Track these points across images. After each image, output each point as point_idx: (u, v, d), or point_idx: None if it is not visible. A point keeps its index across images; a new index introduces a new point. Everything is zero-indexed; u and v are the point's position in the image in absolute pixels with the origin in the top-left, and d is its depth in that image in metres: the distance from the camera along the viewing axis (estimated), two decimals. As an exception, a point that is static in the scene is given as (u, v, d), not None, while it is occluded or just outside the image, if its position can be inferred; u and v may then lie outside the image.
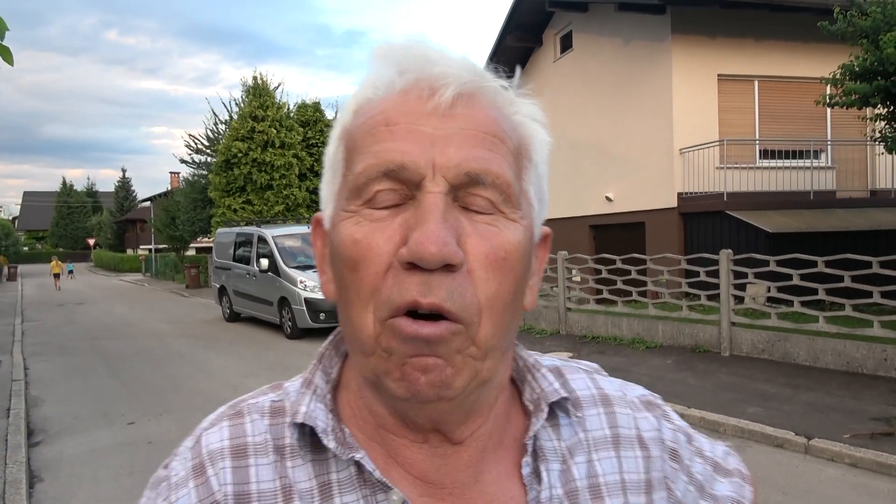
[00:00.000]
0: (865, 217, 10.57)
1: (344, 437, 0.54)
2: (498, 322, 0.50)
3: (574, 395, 0.62)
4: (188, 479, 0.54)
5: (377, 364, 0.50)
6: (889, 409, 5.55)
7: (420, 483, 0.54)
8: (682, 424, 0.67)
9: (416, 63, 0.52)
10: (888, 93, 7.21)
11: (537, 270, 0.59)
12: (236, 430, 0.56)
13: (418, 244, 0.46)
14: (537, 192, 0.56)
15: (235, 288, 13.83)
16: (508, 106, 0.55)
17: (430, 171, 0.49)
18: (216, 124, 22.35)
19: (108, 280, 35.64)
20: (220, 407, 0.59)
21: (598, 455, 0.59)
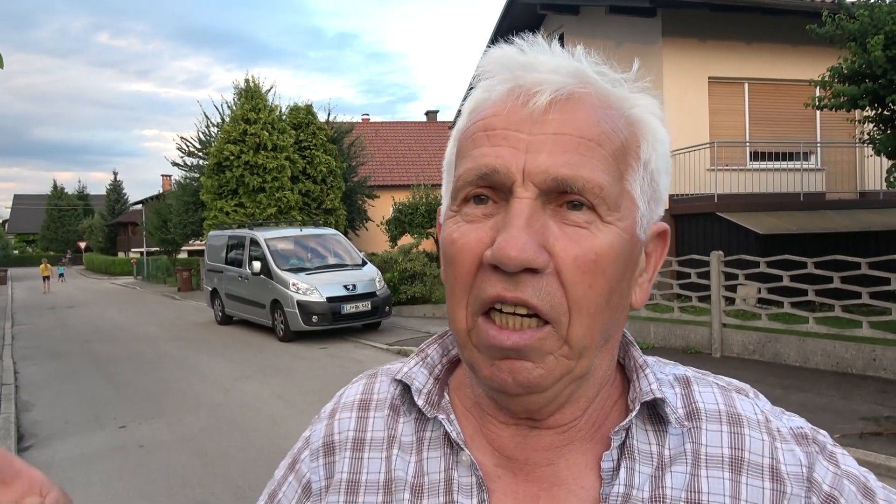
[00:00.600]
0: (854, 218, 10.65)
1: (439, 400, 0.62)
2: (589, 323, 0.52)
3: (694, 407, 0.59)
4: (325, 419, 0.68)
5: (470, 356, 0.55)
6: (878, 408, 5.60)
7: (497, 455, 0.59)
8: (856, 473, 0.59)
9: (516, 70, 0.55)
10: (876, 95, 7.26)
11: (649, 268, 0.60)
12: (367, 388, 0.67)
13: (500, 248, 0.50)
14: (646, 191, 0.57)
15: (227, 291, 13.78)
16: (616, 105, 0.56)
17: (520, 177, 0.51)
18: (208, 127, 22.27)
19: (100, 283, 35.44)
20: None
21: (706, 472, 0.56)
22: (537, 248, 0.50)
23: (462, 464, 0.58)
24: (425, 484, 0.59)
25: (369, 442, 0.63)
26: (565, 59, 0.55)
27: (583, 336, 0.52)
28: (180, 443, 5.83)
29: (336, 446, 0.64)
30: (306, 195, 20.28)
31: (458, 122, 0.59)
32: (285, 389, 7.76)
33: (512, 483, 0.58)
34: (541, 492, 0.57)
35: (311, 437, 0.67)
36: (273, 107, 20.24)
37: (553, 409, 0.56)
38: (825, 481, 0.57)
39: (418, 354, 0.66)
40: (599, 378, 0.58)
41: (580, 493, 0.57)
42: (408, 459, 0.61)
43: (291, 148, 19.77)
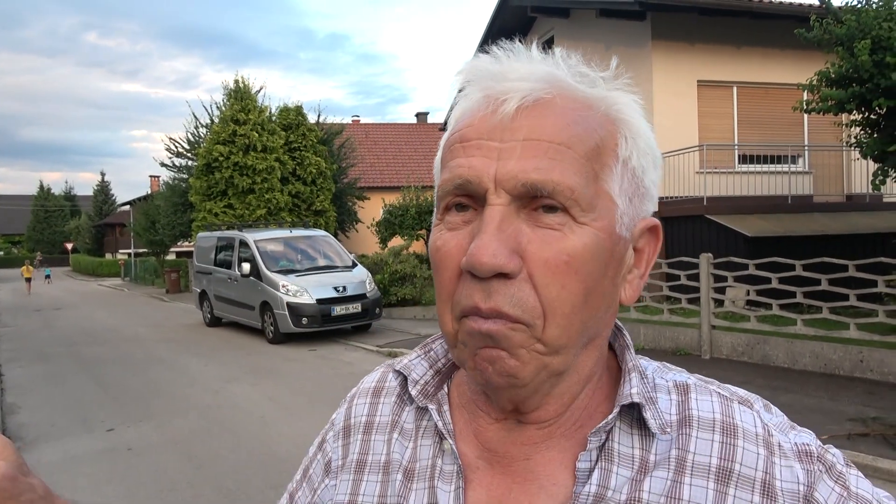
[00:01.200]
0: (841, 221, 10.75)
1: (435, 392, 0.66)
2: (565, 323, 0.53)
3: (687, 414, 0.59)
4: (347, 402, 0.74)
5: (458, 354, 0.57)
6: (865, 409, 5.64)
7: (480, 447, 0.62)
8: (867, 495, 0.57)
9: (488, 80, 0.56)
10: (863, 99, 7.34)
11: (639, 264, 0.61)
12: (382, 377, 0.72)
13: (472, 255, 0.52)
14: (626, 188, 0.57)
15: (217, 292, 13.70)
16: (592, 105, 0.56)
17: (492, 185, 0.53)
18: (197, 128, 22.16)
19: (87, 285, 35.14)
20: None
21: (690, 480, 0.55)
22: (508, 253, 0.51)
23: (446, 452, 0.62)
24: (416, 469, 0.63)
25: (377, 426, 0.68)
26: (539, 65, 0.56)
27: (558, 336, 0.53)
28: (169, 445, 5.78)
29: (352, 429, 0.70)
30: (296, 196, 20.21)
31: (446, 132, 0.61)
32: (275, 391, 7.72)
33: (489, 474, 0.60)
34: (514, 485, 0.59)
35: (336, 420, 0.73)
36: (263, 108, 20.17)
37: (537, 402, 0.58)
38: (827, 502, 0.55)
39: (422, 348, 0.70)
40: (584, 375, 0.59)
41: (551, 489, 0.58)
42: (406, 445, 0.65)
43: (281, 149, 19.71)
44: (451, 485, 0.60)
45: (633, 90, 0.60)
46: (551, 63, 0.57)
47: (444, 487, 0.60)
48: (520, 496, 0.58)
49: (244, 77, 20.37)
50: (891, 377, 6.51)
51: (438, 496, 0.60)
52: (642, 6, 10.98)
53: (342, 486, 0.67)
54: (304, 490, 0.72)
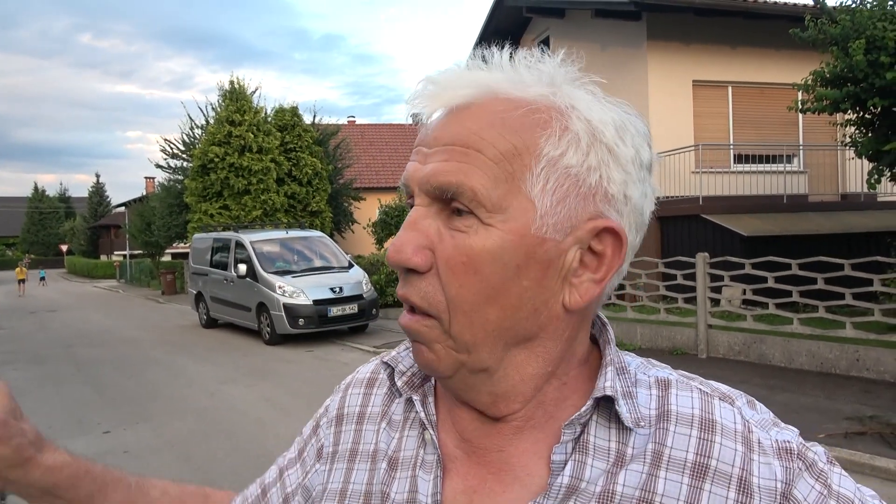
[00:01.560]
0: (836, 220, 10.78)
1: (421, 383, 0.68)
2: (467, 321, 0.56)
3: (666, 409, 0.59)
4: (342, 390, 0.76)
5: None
6: (862, 408, 5.66)
7: (458, 437, 0.64)
8: (850, 495, 0.57)
9: (424, 97, 0.59)
10: (857, 99, 7.36)
11: (596, 268, 0.58)
12: (376, 368, 0.75)
13: (388, 251, 0.58)
14: (553, 188, 0.55)
15: (212, 294, 13.66)
16: (518, 107, 0.55)
17: (416, 187, 0.58)
18: (192, 129, 22.09)
19: (82, 287, 35.03)
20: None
21: (665, 474, 0.56)
22: (415, 249, 0.56)
23: (427, 442, 0.64)
24: (400, 458, 0.65)
25: (368, 416, 0.71)
26: (467, 73, 0.58)
27: (462, 332, 0.56)
28: (166, 448, 5.76)
29: (344, 418, 0.73)
30: (292, 197, 20.17)
31: None
32: (272, 393, 7.70)
33: (465, 464, 0.63)
34: (489, 475, 0.61)
35: (330, 406, 0.76)
36: (258, 108, 20.13)
37: (487, 401, 0.60)
38: (806, 499, 0.55)
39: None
40: (529, 374, 0.59)
41: (525, 479, 0.59)
42: (392, 435, 0.68)
43: (277, 150, 19.68)
44: (430, 474, 0.62)
45: (586, 85, 0.59)
46: (496, 67, 0.58)
47: (424, 476, 0.62)
48: (494, 486, 0.60)
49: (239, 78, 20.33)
50: (887, 375, 6.53)
51: (419, 484, 0.62)
52: (638, 6, 10.99)
53: (336, 475, 0.69)
54: (297, 470, 0.76)
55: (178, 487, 0.82)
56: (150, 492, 0.79)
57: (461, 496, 0.61)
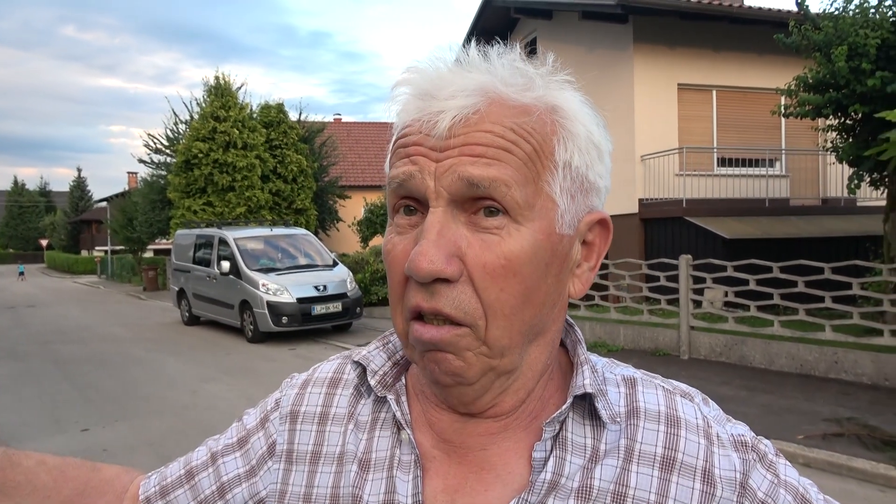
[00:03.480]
0: (817, 224, 10.92)
1: (393, 382, 0.67)
2: (506, 324, 0.56)
3: (634, 406, 0.62)
4: (297, 386, 0.73)
5: (410, 354, 0.60)
6: (839, 410, 5.73)
7: (436, 437, 0.63)
8: (795, 484, 0.61)
9: (421, 99, 0.58)
10: (839, 104, 7.46)
11: (589, 257, 0.63)
12: (340, 368, 0.72)
13: (412, 261, 0.54)
14: (568, 188, 0.58)
15: (195, 291, 13.54)
16: (529, 110, 0.57)
17: (432, 189, 0.55)
18: (176, 124, 21.89)
19: (62, 282, 34.58)
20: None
21: (637, 468, 0.59)
22: (446, 258, 0.53)
23: (403, 442, 0.63)
24: (372, 460, 0.64)
25: (332, 417, 0.68)
26: (471, 76, 0.57)
27: (500, 337, 0.56)
28: (145, 446, 5.70)
29: (300, 416, 0.70)
30: (277, 194, 20.06)
31: (392, 138, 0.63)
32: (254, 391, 7.65)
33: (445, 464, 0.62)
34: (470, 474, 0.61)
35: (283, 401, 0.72)
36: (244, 105, 20.00)
37: (487, 403, 0.60)
38: (760, 488, 0.59)
39: (380, 339, 0.71)
40: (538, 371, 0.62)
41: (507, 477, 0.60)
42: (360, 437, 0.66)
43: (262, 147, 19.56)
44: (409, 474, 0.61)
45: (573, 85, 0.61)
46: (485, 70, 0.58)
47: (402, 477, 0.61)
48: (475, 485, 0.60)
49: (225, 73, 20.15)
50: (864, 378, 6.62)
51: (397, 485, 0.61)
52: (624, 9, 11.06)
53: (297, 477, 0.67)
54: (237, 458, 0.71)
55: (60, 459, 0.73)
56: (23, 461, 0.70)
57: (442, 495, 0.61)
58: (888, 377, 6.45)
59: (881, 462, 4.55)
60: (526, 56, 0.62)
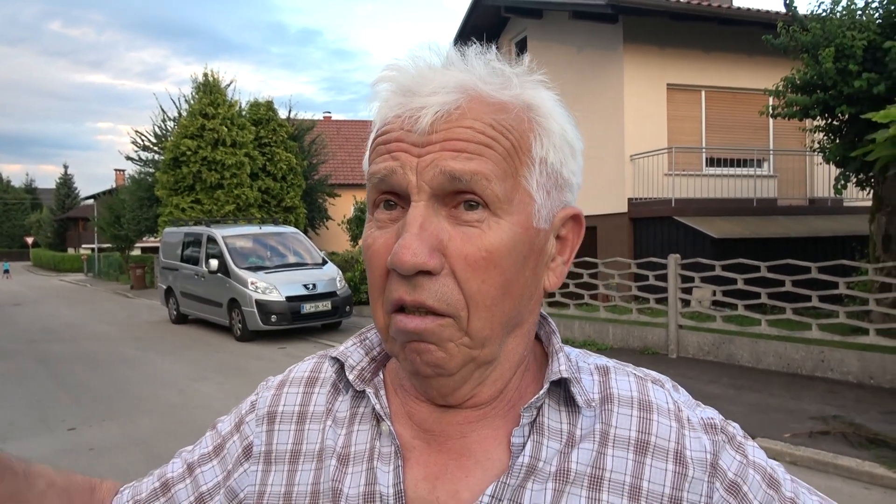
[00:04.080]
0: (804, 224, 11.02)
1: (371, 377, 0.68)
2: (487, 315, 0.57)
3: (608, 392, 0.65)
4: (273, 388, 0.73)
5: (391, 347, 0.61)
6: (826, 408, 5.79)
7: (416, 428, 0.64)
8: (763, 464, 0.64)
9: (402, 95, 0.59)
10: (826, 105, 7.52)
11: (563, 251, 0.65)
12: (316, 367, 0.73)
13: (395, 254, 0.55)
14: (544, 183, 0.60)
15: (183, 289, 13.46)
16: (506, 108, 0.59)
17: (413, 184, 0.56)
18: (164, 121, 21.74)
19: (48, 280, 34.27)
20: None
21: (612, 451, 0.61)
22: (429, 251, 0.55)
23: (383, 434, 0.64)
24: (351, 454, 0.64)
25: (311, 415, 0.69)
26: (451, 73, 0.59)
27: (482, 328, 0.57)
28: (133, 445, 5.66)
29: (278, 416, 0.70)
30: (266, 192, 19.97)
31: (371, 133, 0.64)
32: (242, 390, 7.61)
33: (426, 453, 0.63)
34: (450, 461, 0.62)
35: (259, 403, 0.72)
36: (233, 102, 19.89)
37: (466, 394, 0.62)
38: (730, 469, 0.62)
39: (357, 336, 0.72)
40: (515, 362, 0.63)
41: (486, 463, 0.62)
42: (338, 432, 0.66)
43: (251, 144, 19.47)
44: (389, 465, 0.62)
45: (546, 85, 0.63)
46: (464, 68, 0.59)
47: (382, 468, 0.62)
48: (456, 471, 0.62)
49: (213, 70, 20.02)
50: (850, 377, 6.68)
51: (378, 476, 0.62)
52: (614, 9, 11.09)
53: (276, 477, 0.67)
54: (214, 466, 0.71)
55: (65, 478, 0.73)
56: (37, 482, 0.69)
57: (423, 483, 0.62)
58: (873, 376, 6.52)
59: (866, 460, 4.60)
60: (509, 56, 0.63)
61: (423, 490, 0.62)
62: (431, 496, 0.61)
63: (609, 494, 0.59)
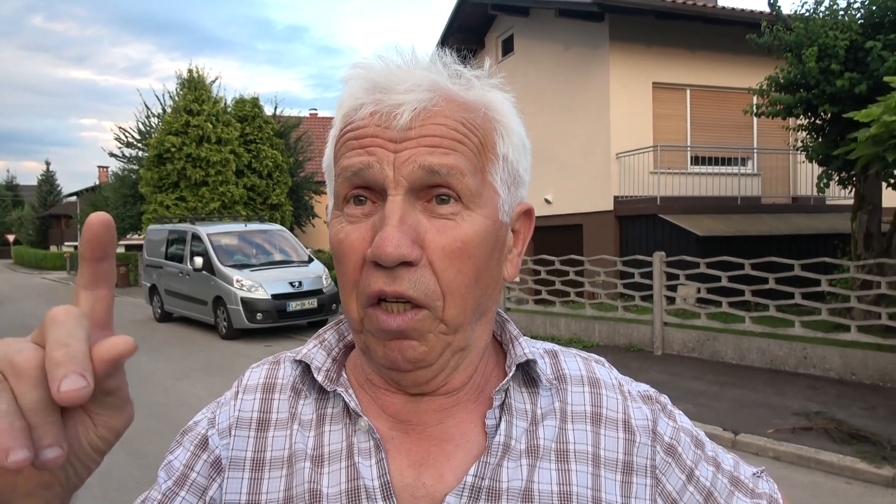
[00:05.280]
0: (788, 222, 11.12)
1: (337, 378, 0.68)
2: (461, 302, 0.60)
3: (561, 373, 0.70)
4: (229, 401, 0.71)
5: (365, 340, 0.62)
6: (808, 404, 5.85)
7: (392, 420, 0.66)
8: (690, 428, 0.73)
9: (376, 93, 0.60)
10: (809, 104, 7.59)
11: (518, 244, 0.69)
12: (271, 373, 0.72)
13: (377, 246, 0.56)
14: (506, 179, 0.64)
15: (167, 287, 13.35)
16: (471, 108, 0.62)
17: (391, 171, 0.58)
18: (148, 117, 21.52)
19: (30, 278, 33.83)
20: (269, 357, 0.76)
21: (572, 426, 0.67)
22: (410, 243, 0.57)
23: (360, 430, 0.64)
24: (325, 454, 0.65)
25: (274, 422, 0.68)
26: (423, 73, 0.61)
27: (456, 315, 0.60)
28: (117, 445, 5.56)
29: (239, 425, 0.69)
30: (251, 190, 19.84)
31: (334, 128, 0.65)
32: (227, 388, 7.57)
33: (406, 442, 0.65)
34: (432, 447, 0.65)
35: (219, 418, 0.70)
36: (218, 98, 19.71)
37: (440, 382, 0.64)
38: (666, 434, 0.69)
39: (316, 338, 0.73)
40: (481, 348, 0.67)
41: (465, 445, 0.65)
42: (307, 434, 0.66)
43: (236, 141, 19.32)
44: (370, 459, 0.63)
45: (504, 89, 0.66)
46: (433, 69, 0.62)
47: (364, 462, 0.63)
48: (438, 456, 0.64)
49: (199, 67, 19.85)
50: (832, 373, 6.76)
51: (360, 471, 0.63)
52: (601, 7, 11.13)
53: (233, 485, 0.65)
54: (184, 499, 0.66)
55: None
56: None
57: (408, 471, 0.64)
58: (855, 372, 6.61)
59: (847, 455, 4.66)
60: (495, 54, 0.63)
61: (408, 478, 0.63)
62: (418, 482, 0.63)
63: (576, 464, 0.65)
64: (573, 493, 0.64)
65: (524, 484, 0.63)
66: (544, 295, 9.83)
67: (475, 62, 0.66)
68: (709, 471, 0.71)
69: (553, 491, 0.63)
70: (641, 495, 0.66)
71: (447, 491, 0.62)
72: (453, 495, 0.62)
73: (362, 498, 0.62)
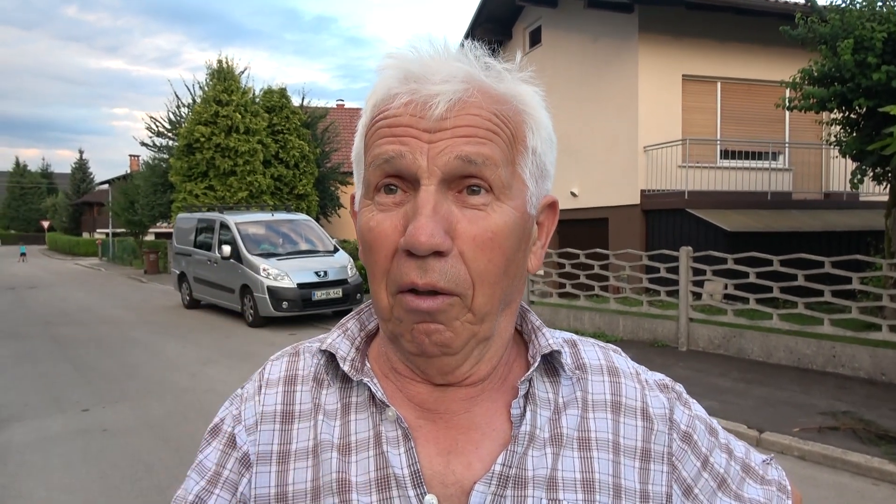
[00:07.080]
0: (819, 218, 10.90)
1: (362, 367, 0.69)
2: (490, 292, 0.61)
3: (581, 362, 0.72)
4: (252, 397, 0.71)
5: (393, 328, 0.63)
6: (836, 403, 5.75)
7: (418, 409, 0.67)
8: (704, 416, 0.75)
9: (412, 83, 0.60)
10: (844, 98, 7.42)
11: (542, 236, 0.70)
12: (291, 365, 0.73)
13: (411, 235, 0.57)
14: (534, 172, 0.65)
15: (196, 274, 13.57)
16: (503, 100, 0.62)
17: (424, 162, 0.58)
18: (178, 107, 21.83)
19: (64, 264, 34.63)
20: (287, 347, 0.77)
21: (593, 414, 0.68)
22: (443, 233, 0.57)
23: (388, 419, 0.65)
24: (352, 443, 0.65)
25: (298, 414, 0.69)
26: (456, 64, 0.61)
27: (484, 304, 0.61)
28: (145, 428, 5.74)
29: (264, 419, 0.69)
30: (278, 180, 20.03)
31: (364, 116, 0.66)
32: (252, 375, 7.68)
33: (433, 430, 0.66)
34: (459, 435, 0.66)
35: (244, 415, 0.70)
36: (246, 89, 19.91)
37: (465, 371, 0.65)
38: (682, 421, 0.71)
39: (339, 328, 0.73)
40: (506, 339, 0.68)
41: (492, 434, 0.66)
42: (332, 424, 0.67)
43: (264, 131, 19.50)
44: (399, 447, 0.64)
45: (534, 83, 0.66)
46: (465, 61, 0.62)
47: (393, 451, 0.64)
48: (466, 445, 0.65)
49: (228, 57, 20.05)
50: (861, 373, 6.64)
51: (390, 459, 0.64)
52: (630, -2, 10.98)
53: (262, 479, 0.66)
54: (219, 496, 0.67)
55: None
56: None
57: (437, 458, 0.65)
58: (885, 372, 6.47)
59: (875, 456, 4.58)
60: (522, 45, 0.64)
61: (438, 465, 0.64)
62: (447, 470, 0.64)
63: (597, 452, 0.67)
64: (595, 479, 0.65)
65: (549, 472, 0.64)
66: (568, 288, 9.78)
67: (503, 54, 0.66)
68: (722, 458, 0.73)
69: (576, 478, 0.65)
70: (658, 482, 0.68)
71: (476, 479, 0.63)
72: (482, 483, 0.63)
73: (392, 486, 0.63)
